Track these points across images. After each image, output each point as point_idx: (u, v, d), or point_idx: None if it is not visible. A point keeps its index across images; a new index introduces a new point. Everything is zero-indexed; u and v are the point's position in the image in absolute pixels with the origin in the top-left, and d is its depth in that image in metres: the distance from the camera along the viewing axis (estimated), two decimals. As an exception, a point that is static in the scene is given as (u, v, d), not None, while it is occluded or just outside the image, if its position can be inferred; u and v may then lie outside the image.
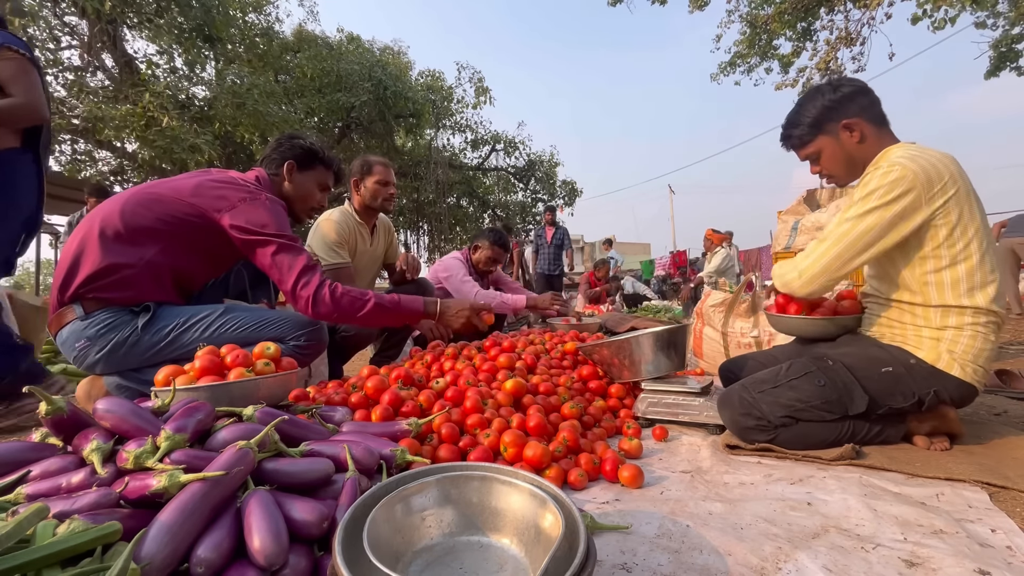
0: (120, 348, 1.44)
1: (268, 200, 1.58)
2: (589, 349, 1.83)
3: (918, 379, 1.26)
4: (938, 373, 1.25)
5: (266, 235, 1.51)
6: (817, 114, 1.38)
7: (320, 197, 1.87)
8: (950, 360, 1.25)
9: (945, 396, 1.27)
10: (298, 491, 0.79)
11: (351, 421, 1.21)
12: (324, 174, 1.86)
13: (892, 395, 1.28)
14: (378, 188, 2.46)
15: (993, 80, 9.16)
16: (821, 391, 1.28)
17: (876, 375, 1.28)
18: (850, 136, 1.35)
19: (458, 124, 15.19)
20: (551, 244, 7.85)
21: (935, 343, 1.27)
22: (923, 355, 1.28)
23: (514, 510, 0.76)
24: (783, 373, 1.35)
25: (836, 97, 1.35)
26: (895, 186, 1.21)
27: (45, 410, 0.81)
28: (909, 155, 1.24)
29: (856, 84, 1.37)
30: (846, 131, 1.35)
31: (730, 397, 1.39)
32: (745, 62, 9.41)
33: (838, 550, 0.84)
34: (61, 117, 7.66)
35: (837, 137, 1.37)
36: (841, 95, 1.35)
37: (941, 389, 1.26)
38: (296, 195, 1.80)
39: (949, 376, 1.25)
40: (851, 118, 1.34)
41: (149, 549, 0.59)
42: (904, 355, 1.29)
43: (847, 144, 1.36)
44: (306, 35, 12.13)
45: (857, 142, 1.35)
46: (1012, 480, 1.08)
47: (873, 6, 7.60)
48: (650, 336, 1.64)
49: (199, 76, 9.70)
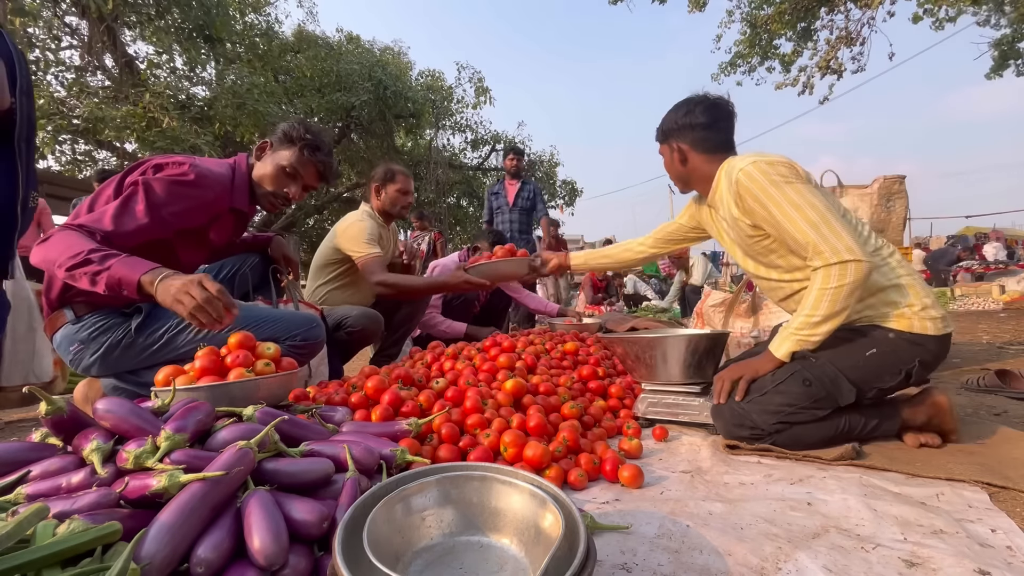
0: (114, 350, 1.44)
1: (191, 165, 1.43)
2: (628, 344, 1.66)
3: (901, 352, 1.29)
4: (917, 338, 1.28)
5: (134, 183, 1.36)
6: (665, 126, 1.57)
7: (286, 182, 1.64)
8: (920, 321, 1.28)
9: (928, 358, 1.29)
10: (298, 491, 0.79)
11: (351, 421, 1.21)
12: (297, 158, 1.63)
13: (880, 376, 1.30)
14: (398, 196, 2.51)
15: (993, 80, 9.17)
16: (808, 391, 1.29)
17: (862, 360, 1.30)
18: (676, 156, 1.54)
19: (458, 124, 15.17)
20: (514, 207, 4.92)
21: (897, 310, 1.31)
22: (895, 325, 1.30)
23: (514, 510, 0.76)
24: (768, 379, 1.35)
25: (681, 121, 1.51)
26: (772, 170, 1.32)
27: (45, 410, 0.81)
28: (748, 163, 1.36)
29: (705, 115, 1.48)
30: (677, 152, 1.54)
31: (721, 409, 1.40)
32: (746, 62, 9.42)
33: (838, 550, 0.84)
34: (61, 117, 7.66)
35: (671, 151, 1.56)
36: (684, 122, 1.51)
37: (923, 355, 1.29)
38: (260, 175, 1.62)
39: (927, 336, 1.28)
40: (682, 143, 1.52)
41: (149, 549, 0.59)
42: (882, 332, 1.31)
43: (675, 160, 1.56)
44: (306, 35, 12.13)
45: (679, 162, 1.54)
46: (1012, 480, 1.08)
47: (874, 6, 7.60)
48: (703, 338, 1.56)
49: (199, 76, 9.71)
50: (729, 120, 1.51)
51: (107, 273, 1.18)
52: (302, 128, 1.66)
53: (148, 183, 1.38)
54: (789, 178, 1.32)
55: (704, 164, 1.51)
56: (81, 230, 1.27)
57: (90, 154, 9.50)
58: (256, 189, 1.64)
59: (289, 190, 1.64)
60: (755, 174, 1.33)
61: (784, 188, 1.30)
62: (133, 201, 1.36)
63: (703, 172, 1.52)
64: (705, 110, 1.49)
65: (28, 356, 2.24)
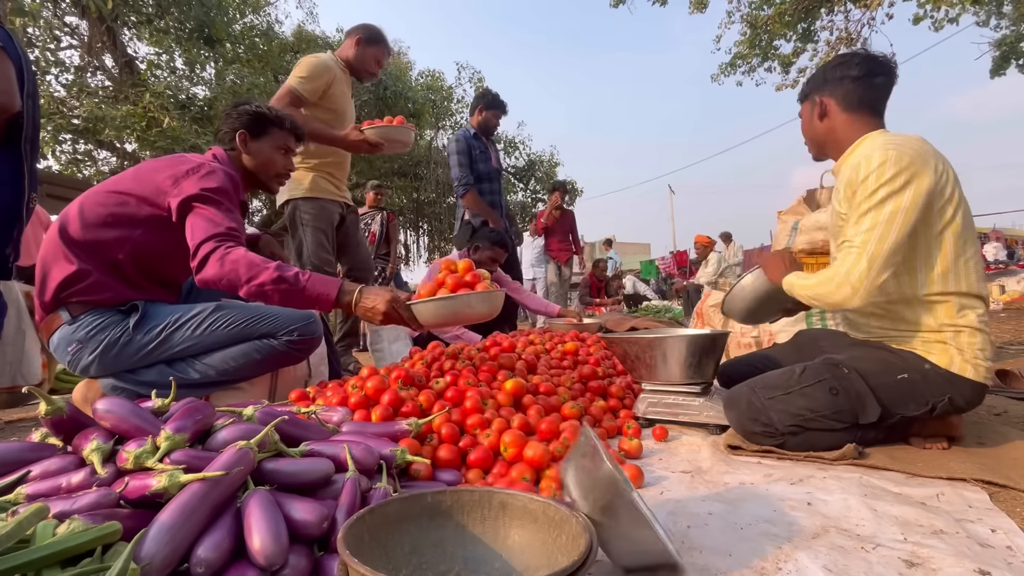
0: (112, 348, 1.44)
1: (211, 169, 1.50)
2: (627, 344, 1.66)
3: (933, 386, 1.23)
4: (953, 378, 1.22)
5: (194, 197, 1.42)
6: (815, 79, 1.43)
7: (284, 161, 1.76)
8: (962, 362, 1.21)
9: (960, 401, 1.23)
10: (298, 491, 0.79)
11: (351, 421, 1.21)
12: (280, 136, 1.73)
13: (905, 404, 1.25)
14: (372, 60, 2.63)
15: (994, 80, 9.17)
16: (833, 400, 1.25)
17: (892, 382, 1.24)
18: (817, 111, 1.40)
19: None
20: (498, 174, 3.61)
21: (943, 346, 1.24)
22: (935, 359, 1.24)
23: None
24: (795, 379, 1.31)
25: (831, 73, 1.37)
26: (892, 172, 1.19)
27: (44, 410, 0.81)
28: (889, 143, 1.23)
29: (859, 68, 1.34)
30: (818, 106, 1.39)
31: (738, 399, 1.36)
32: (746, 63, 9.41)
33: (838, 550, 0.84)
34: (61, 117, 7.66)
35: (811, 107, 1.42)
36: (834, 75, 1.37)
37: (955, 395, 1.22)
38: (256, 165, 1.70)
39: (963, 379, 1.22)
40: (825, 96, 1.38)
41: (149, 549, 0.59)
42: (918, 360, 1.25)
43: (814, 116, 1.41)
44: (306, 35, 12.12)
45: (818, 117, 1.39)
46: (1012, 480, 1.08)
47: (874, 6, 7.60)
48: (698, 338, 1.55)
49: (199, 76, 9.70)
50: (888, 79, 1.34)
51: (305, 292, 1.35)
52: (267, 108, 1.75)
53: (216, 189, 1.46)
54: (901, 190, 1.18)
55: (846, 125, 1.35)
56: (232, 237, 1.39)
57: (90, 154, 9.49)
58: (259, 175, 1.73)
59: (288, 164, 1.79)
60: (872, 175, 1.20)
61: (886, 203, 1.19)
62: (225, 205, 1.46)
63: (842, 134, 1.35)
64: (862, 61, 1.33)
65: (17, 359, 2.23)
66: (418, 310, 1.43)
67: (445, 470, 1.12)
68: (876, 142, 1.26)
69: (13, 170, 1.47)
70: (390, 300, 1.38)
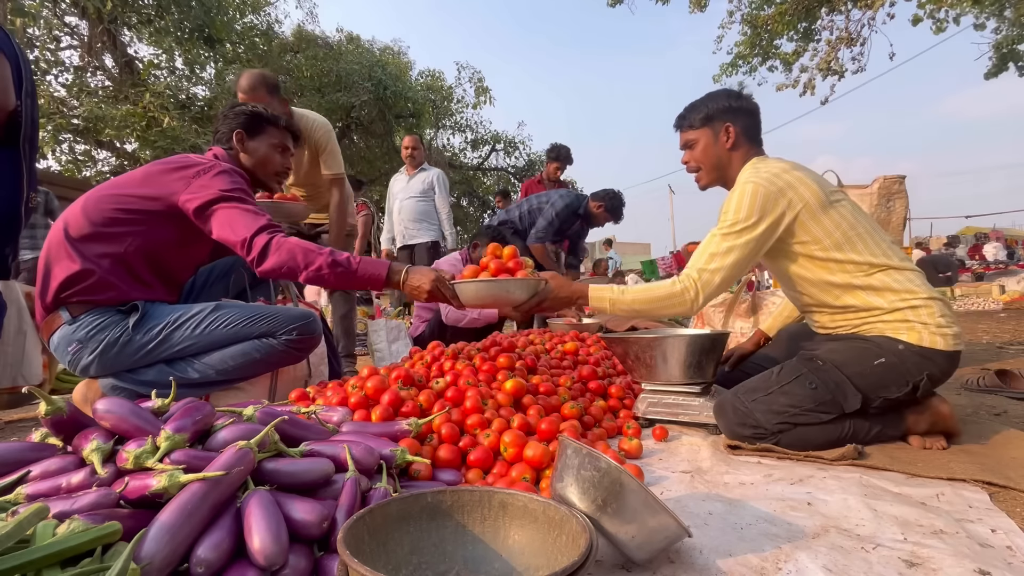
0: (112, 348, 1.44)
1: (222, 168, 1.53)
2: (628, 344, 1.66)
3: (910, 365, 1.27)
4: (926, 351, 1.26)
5: (218, 199, 1.45)
6: (715, 108, 1.49)
7: (282, 160, 1.78)
8: (930, 335, 1.26)
9: (936, 373, 1.27)
10: (298, 491, 0.79)
11: (351, 421, 1.21)
12: (277, 134, 1.75)
13: (886, 386, 1.28)
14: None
15: (993, 80, 9.17)
16: (813, 393, 1.29)
17: (869, 368, 1.29)
18: (724, 139, 1.48)
19: (458, 124, 15.19)
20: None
21: (908, 324, 1.28)
22: (906, 338, 1.28)
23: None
24: (774, 379, 1.35)
25: (736, 104, 1.48)
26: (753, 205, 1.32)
27: (45, 410, 0.81)
28: (758, 172, 1.37)
29: (752, 104, 1.51)
30: (725, 133, 1.47)
31: (724, 407, 1.39)
32: (747, 62, 9.41)
33: (838, 550, 0.84)
34: (61, 117, 7.66)
35: (715, 134, 1.49)
36: (739, 104, 1.48)
37: (932, 369, 1.26)
38: (255, 163, 1.73)
39: (936, 351, 1.26)
40: (734, 127, 1.47)
41: (149, 549, 0.59)
42: (891, 343, 1.29)
43: (720, 143, 1.49)
44: (306, 35, 12.14)
45: (728, 146, 1.48)
46: (1012, 480, 1.08)
47: (875, 7, 7.60)
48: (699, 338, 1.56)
49: (199, 76, 9.71)
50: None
51: (358, 274, 1.45)
52: (262, 108, 1.77)
53: (236, 187, 1.49)
54: (756, 223, 1.33)
55: (744, 155, 1.48)
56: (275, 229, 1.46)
57: (90, 154, 9.50)
58: (258, 174, 1.74)
59: (286, 162, 1.80)
60: (749, 191, 1.33)
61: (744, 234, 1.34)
62: (250, 201, 1.50)
63: (739, 165, 1.48)
64: (750, 99, 1.48)
65: (17, 359, 2.23)
66: (460, 289, 1.51)
67: (445, 470, 1.12)
68: (760, 169, 1.39)
69: (12, 170, 1.47)
70: (435, 279, 1.49)
